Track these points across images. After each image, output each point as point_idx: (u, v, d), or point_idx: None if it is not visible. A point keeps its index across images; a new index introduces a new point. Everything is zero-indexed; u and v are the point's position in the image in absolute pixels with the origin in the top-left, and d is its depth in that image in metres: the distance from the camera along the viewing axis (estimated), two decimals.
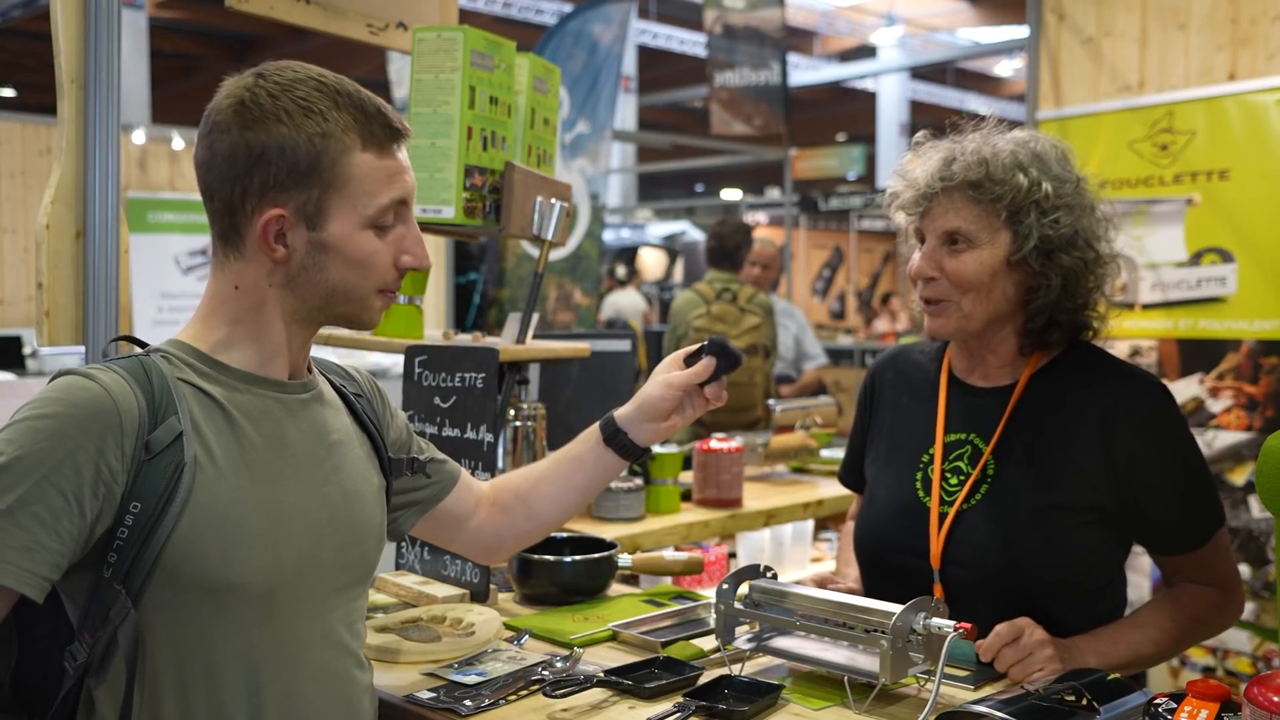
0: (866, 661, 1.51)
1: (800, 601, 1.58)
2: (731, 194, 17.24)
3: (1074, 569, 1.65)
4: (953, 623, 1.42)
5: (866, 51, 15.75)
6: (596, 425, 1.61)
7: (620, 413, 1.59)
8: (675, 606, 1.92)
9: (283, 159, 1.21)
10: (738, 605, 1.61)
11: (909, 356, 1.90)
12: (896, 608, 1.45)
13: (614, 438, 1.58)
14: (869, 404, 1.93)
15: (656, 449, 2.60)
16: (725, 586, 1.61)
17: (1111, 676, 1.51)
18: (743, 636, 1.64)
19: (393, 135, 1.28)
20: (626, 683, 1.51)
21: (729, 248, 4.85)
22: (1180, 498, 1.67)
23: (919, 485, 1.75)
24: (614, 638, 1.78)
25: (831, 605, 1.54)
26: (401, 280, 1.33)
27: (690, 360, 1.58)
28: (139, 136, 8.29)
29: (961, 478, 1.71)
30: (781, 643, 1.62)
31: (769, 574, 1.67)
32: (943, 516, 1.69)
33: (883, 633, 1.44)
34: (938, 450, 1.75)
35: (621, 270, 12.04)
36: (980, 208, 1.65)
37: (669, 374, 1.57)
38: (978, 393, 1.77)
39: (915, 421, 1.82)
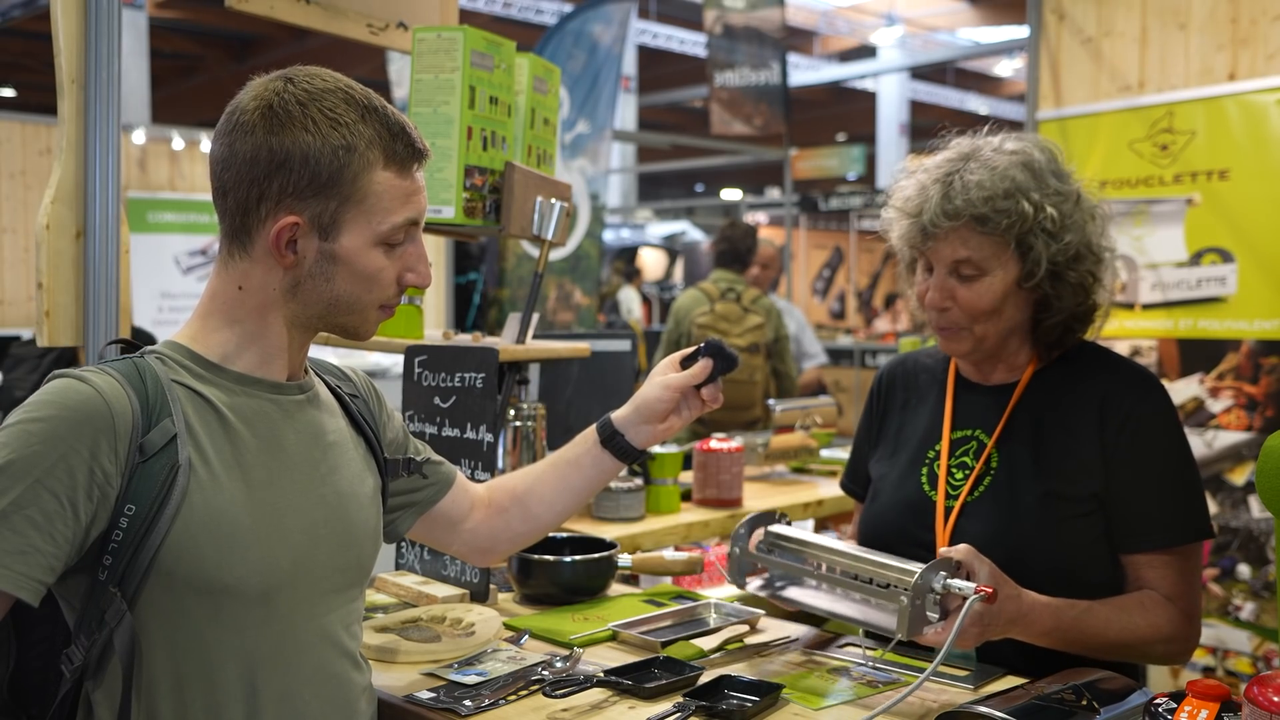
0: (880, 617, 1.50)
1: (816, 552, 1.58)
2: (731, 194, 17.24)
3: (1074, 559, 1.65)
4: (973, 584, 1.42)
5: (866, 51, 15.74)
6: (594, 427, 1.61)
7: (617, 415, 1.59)
8: (675, 606, 1.92)
9: (305, 168, 1.21)
10: (753, 551, 1.61)
11: (916, 360, 1.92)
12: (917, 565, 1.45)
13: (611, 439, 1.58)
14: (877, 409, 1.94)
15: (656, 449, 2.60)
16: (741, 531, 1.62)
17: (1112, 678, 1.51)
18: (754, 583, 1.64)
19: (414, 155, 1.28)
20: (626, 683, 1.51)
21: (740, 250, 4.91)
22: (1158, 491, 1.66)
23: (925, 480, 1.76)
24: (614, 638, 1.78)
25: (848, 557, 1.54)
26: (401, 296, 1.34)
27: (687, 362, 1.58)
28: (139, 136, 8.29)
29: (966, 472, 1.73)
30: (794, 593, 1.62)
31: (783, 520, 1.67)
32: (948, 510, 1.70)
33: (903, 589, 1.44)
34: (944, 447, 1.76)
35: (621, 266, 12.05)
36: (987, 238, 1.64)
37: (666, 376, 1.57)
38: (983, 390, 1.79)
39: (922, 420, 1.83)
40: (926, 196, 1.66)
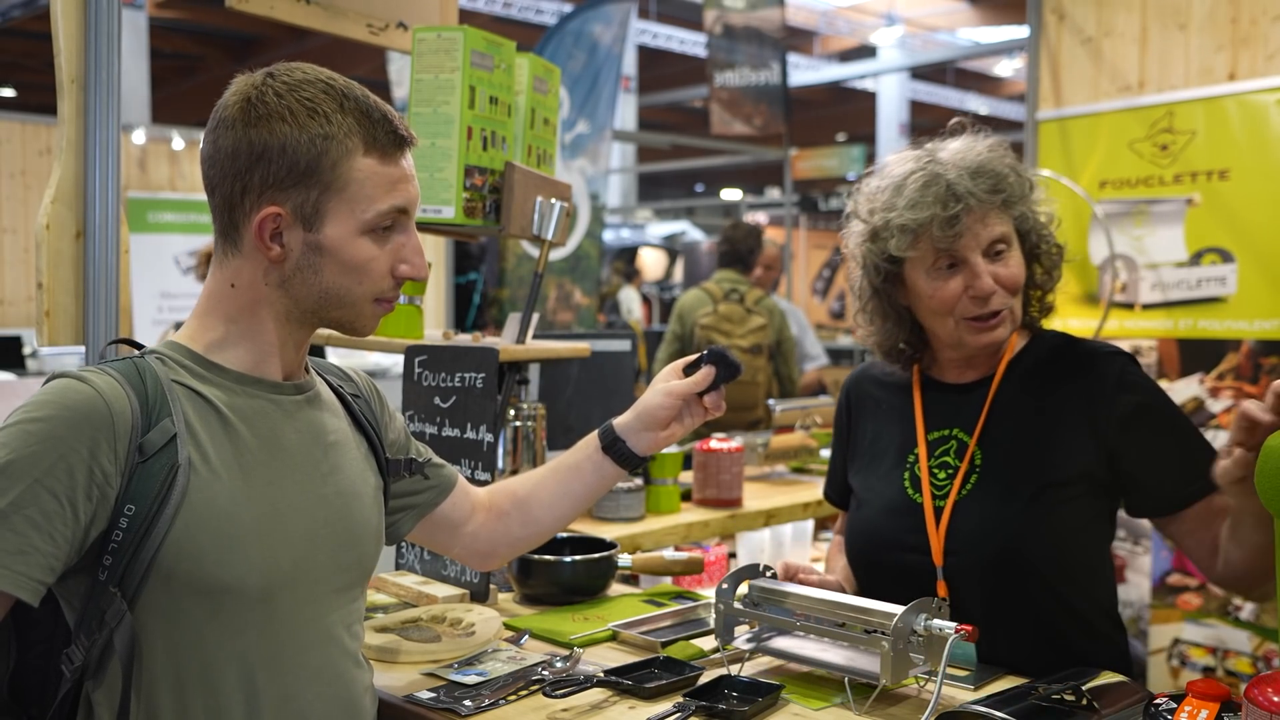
0: (866, 662, 1.51)
1: (800, 602, 1.58)
2: (731, 194, 17.23)
3: (1069, 544, 1.67)
4: (954, 624, 1.43)
5: (866, 51, 15.73)
6: (595, 433, 1.60)
7: (619, 421, 1.59)
8: (675, 606, 1.92)
9: (283, 157, 1.21)
10: (737, 605, 1.61)
11: (880, 367, 1.93)
12: (897, 609, 1.45)
13: (613, 446, 1.58)
14: (847, 419, 1.94)
15: None
16: (725, 586, 1.62)
17: (1112, 678, 1.51)
18: (742, 636, 1.64)
19: (397, 142, 1.27)
20: (626, 683, 1.51)
21: (742, 251, 4.89)
22: (1176, 450, 1.66)
23: (907, 484, 1.76)
24: (614, 638, 1.78)
25: (831, 605, 1.55)
26: (399, 290, 1.33)
27: (690, 369, 1.58)
28: (139, 136, 8.29)
29: (950, 471, 1.73)
30: (781, 643, 1.62)
31: (769, 573, 1.67)
32: (939, 511, 1.70)
33: (883, 634, 1.44)
34: (921, 450, 1.77)
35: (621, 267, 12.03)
36: (1004, 212, 1.69)
37: (668, 383, 1.57)
38: (954, 389, 1.80)
39: (894, 426, 1.83)
40: (936, 185, 1.65)
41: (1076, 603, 1.68)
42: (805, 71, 14.56)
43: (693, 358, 1.58)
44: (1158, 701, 1.31)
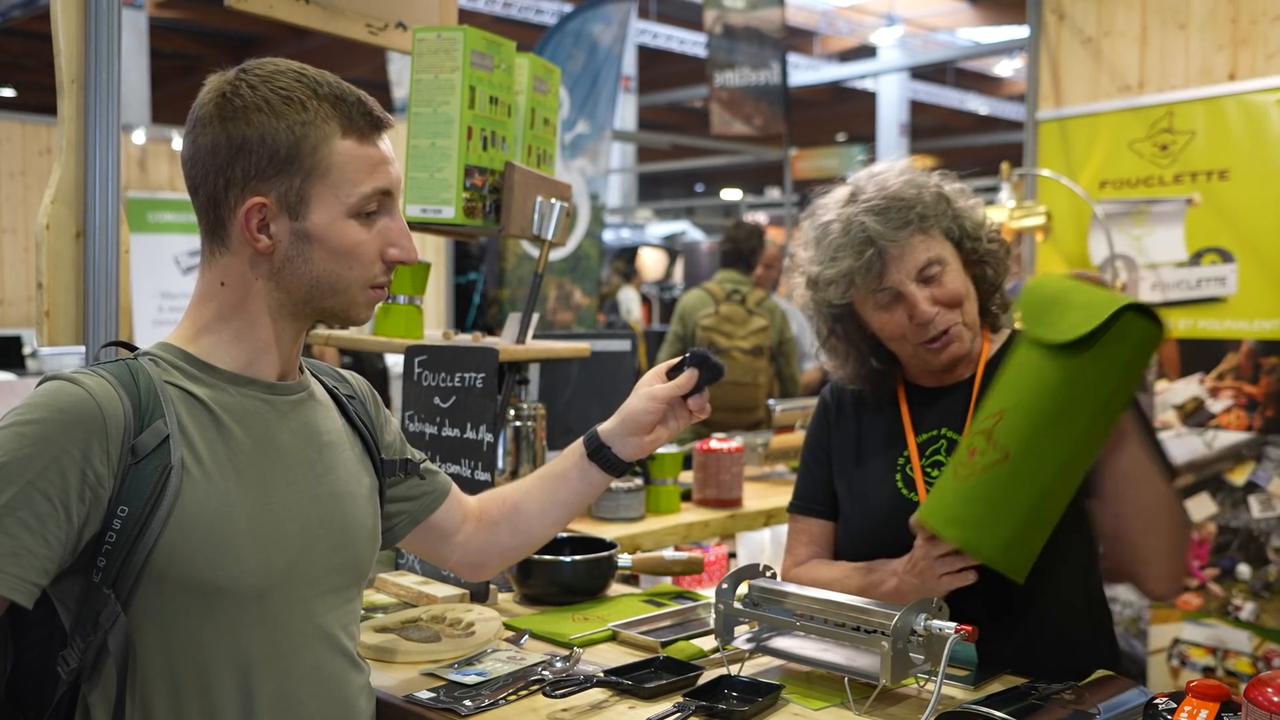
0: (866, 662, 1.51)
1: (800, 601, 1.58)
2: (731, 194, 17.23)
3: (1062, 531, 1.66)
4: (953, 624, 1.43)
5: (866, 51, 15.73)
6: (580, 440, 1.60)
7: (604, 427, 1.58)
8: (675, 606, 1.92)
9: (263, 147, 1.21)
10: (737, 605, 1.61)
11: None
12: (897, 609, 1.45)
13: (598, 453, 1.57)
14: (829, 426, 1.90)
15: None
16: (725, 586, 1.62)
17: (1112, 678, 1.51)
18: (742, 636, 1.64)
19: (374, 124, 1.27)
20: (626, 683, 1.51)
21: (745, 251, 4.90)
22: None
23: (901, 485, 1.77)
24: (614, 638, 1.78)
25: (831, 605, 1.55)
26: (390, 275, 1.32)
27: (673, 373, 1.58)
28: (139, 136, 8.28)
29: (943, 469, 1.73)
30: (781, 643, 1.62)
31: (768, 573, 1.67)
32: None
33: (883, 634, 1.44)
34: (912, 450, 1.78)
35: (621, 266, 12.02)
36: (927, 235, 1.71)
37: (651, 387, 1.56)
38: (937, 392, 1.81)
39: (880, 431, 1.84)
40: (855, 231, 1.70)
41: (1072, 589, 1.69)
42: (805, 71, 14.55)
43: (675, 361, 1.58)
44: (1157, 701, 1.31)
